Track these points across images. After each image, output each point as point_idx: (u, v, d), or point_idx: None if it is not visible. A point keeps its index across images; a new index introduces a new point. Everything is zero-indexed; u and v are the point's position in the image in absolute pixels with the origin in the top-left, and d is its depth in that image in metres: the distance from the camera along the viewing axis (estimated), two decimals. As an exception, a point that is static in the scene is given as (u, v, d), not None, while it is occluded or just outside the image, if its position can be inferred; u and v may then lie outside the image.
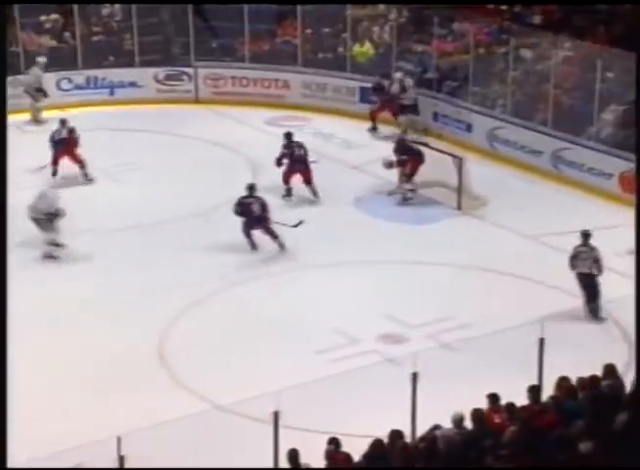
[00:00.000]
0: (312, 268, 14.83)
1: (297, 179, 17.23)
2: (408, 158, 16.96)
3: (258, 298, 13.94)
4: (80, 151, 17.83)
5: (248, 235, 15.25)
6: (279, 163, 17.20)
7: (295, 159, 17.16)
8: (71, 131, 17.92)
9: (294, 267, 14.81)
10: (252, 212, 15.21)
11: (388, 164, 17.03)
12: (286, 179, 17.22)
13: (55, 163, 17.81)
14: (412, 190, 17.03)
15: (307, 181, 17.15)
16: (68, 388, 11.91)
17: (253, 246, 15.23)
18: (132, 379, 11.99)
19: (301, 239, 15.66)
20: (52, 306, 13.65)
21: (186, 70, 22.13)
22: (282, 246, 15.16)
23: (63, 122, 18.09)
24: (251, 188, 15.48)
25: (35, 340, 12.85)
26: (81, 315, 13.46)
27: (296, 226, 15.35)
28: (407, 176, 17.05)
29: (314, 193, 17.14)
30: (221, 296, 13.97)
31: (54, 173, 17.75)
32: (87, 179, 17.81)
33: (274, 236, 15.15)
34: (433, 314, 13.52)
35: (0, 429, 8.29)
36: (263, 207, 15.30)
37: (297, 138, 17.51)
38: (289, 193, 17.24)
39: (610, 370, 9.65)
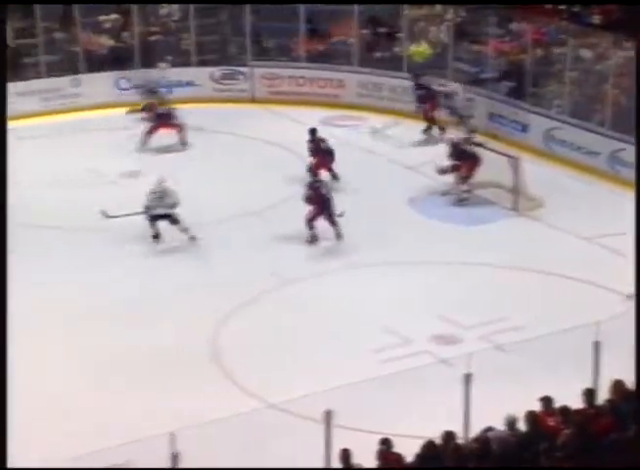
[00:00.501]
0: (365, 267, 14.82)
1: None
2: (461, 163, 16.86)
3: (311, 296, 13.96)
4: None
5: (311, 226, 15.27)
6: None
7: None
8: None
9: (347, 266, 14.81)
10: (322, 196, 15.30)
11: (442, 171, 16.92)
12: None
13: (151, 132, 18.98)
14: (467, 191, 16.94)
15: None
16: (117, 384, 12.01)
17: (314, 238, 15.25)
18: (184, 377, 12.07)
19: (355, 238, 15.67)
20: (102, 304, 13.77)
21: (242, 69, 22.24)
22: (339, 235, 15.20)
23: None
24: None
25: (86, 336, 12.99)
26: (133, 312, 13.56)
27: (339, 216, 15.42)
28: (462, 179, 16.96)
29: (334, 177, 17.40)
30: (274, 294, 14.01)
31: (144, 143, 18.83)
32: (182, 144, 18.84)
33: (334, 223, 15.18)
34: (486, 316, 13.44)
35: (0, 429, 8.33)
36: (328, 190, 15.47)
37: (352, 138, 17.55)
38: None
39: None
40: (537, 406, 9.38)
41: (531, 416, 8.96)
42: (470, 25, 21.55)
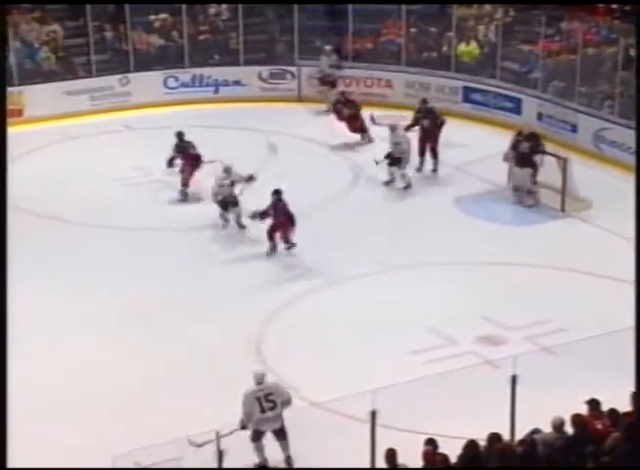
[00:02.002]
0: (410, 268, 14.78)
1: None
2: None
3: (355, 297, 13.94)
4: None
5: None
6: None
7: None
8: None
9: (391, 267, 14.77)
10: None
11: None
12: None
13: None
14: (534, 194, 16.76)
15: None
16: (161, 384, 12.07)
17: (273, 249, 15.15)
18: (228, 377, 12.07)
19: (400, 238, 15.64)
20: (143, 304, 13.81)
21: (289, 68, 22.29)
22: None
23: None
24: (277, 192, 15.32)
25: (126, 337, 13.09)
26: (176, 313, 13.59)
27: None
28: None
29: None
30: (318, 295, 14.01)
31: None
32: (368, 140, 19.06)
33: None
34: (532, 317, 13.35)
35: (0, 429, 8.39)
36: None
37: (399, 137, 17.52)
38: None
39: None
40: (584, 409, 9.31)
41: (578, 419, 8.88)
42: (519, 25, 21.42)
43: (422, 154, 18.08)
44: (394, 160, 17.29)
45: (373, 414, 9.06)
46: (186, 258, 15.19)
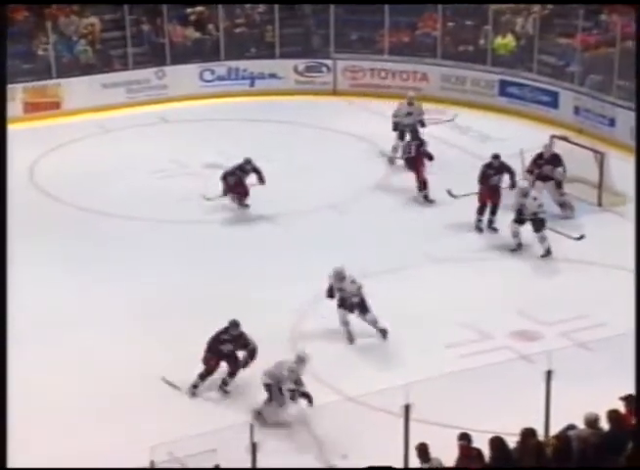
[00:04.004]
0: (443, 262, 14.73)
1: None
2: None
3: (389, 291, 13.90)
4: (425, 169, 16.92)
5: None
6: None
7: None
8: (420, 146, 16.98)
9: (423, 262, 14.72)
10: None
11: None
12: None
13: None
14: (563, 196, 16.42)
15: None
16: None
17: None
18: (255, 370, 12.08)
19: (435, 232, 15.60)
20: (173, 296, 13.86)
21: (325, 61, 22.27)
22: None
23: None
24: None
25: (173, 327, 13.16)
26: (206, 305, 13.55)
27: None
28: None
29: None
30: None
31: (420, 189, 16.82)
32: (427, 200, 16.76)
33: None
34: (567, 312, 13.27)
35: (0, 429, 8.42)
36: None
37: (435, 132, 17.45)
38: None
39: None
40: (620, 405, 9.24)
41: (614, 415, 8.82)
42: (557, 18, 21.26)
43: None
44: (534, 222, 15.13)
45: (407, 408, 9.05)
46: (222, 250, 15.22)
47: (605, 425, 8.88)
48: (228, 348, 11.66)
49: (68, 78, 21.09)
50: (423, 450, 9.03)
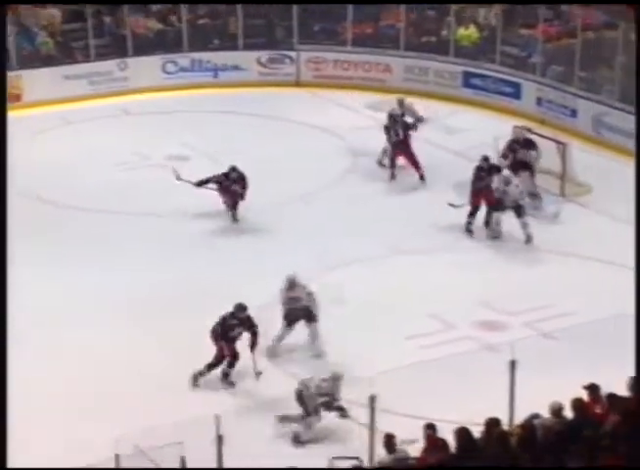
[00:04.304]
0: (410, 253, 14.76)
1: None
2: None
3: (354, 282, 13.91)
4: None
5: None
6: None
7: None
8: (407, 128, 17.15)
9: (389, 253, 14.76)
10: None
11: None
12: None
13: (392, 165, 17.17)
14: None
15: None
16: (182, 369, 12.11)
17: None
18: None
19: (400, 224, 15.63)
20: (143, 291, 13.77)
21: (288, 53, 22.22)
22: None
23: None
24: None
25: (140, 320, 13.08)
26: (175, 298, 13.54)
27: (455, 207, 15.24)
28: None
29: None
30: (318, 280, 13.96)
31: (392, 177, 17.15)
32: (423, 179, 17.04)
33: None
34: (531, 302, 13.36)
35: (0, 429, 8.38)
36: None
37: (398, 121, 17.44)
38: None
39: None
40: (583, 394, 9.31)
41: (578, 403, 8.88)
42: (519, 9, 21.33)
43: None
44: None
45: (372, 399, 9.07)
46: (186, 243, 15.15)
47: (569, 414, 8.95)
48: (238, 331, 11.68)
49: (29, 70, 20.89)
50: (389, 441, 9.06)
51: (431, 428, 9.08)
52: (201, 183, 15.71)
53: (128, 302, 13.42)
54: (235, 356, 11.72)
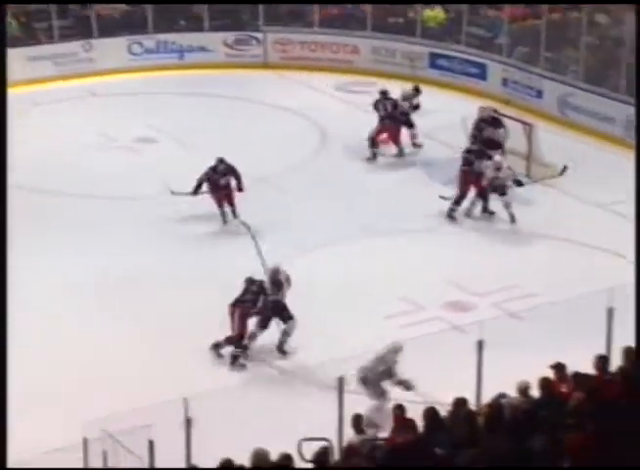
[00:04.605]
0: (379, 235, 14.80)
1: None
2: None
3: (325, 265, 13.94)
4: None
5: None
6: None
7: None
8: (395, 106, 17.25)
9: (359, 234, 14.78)
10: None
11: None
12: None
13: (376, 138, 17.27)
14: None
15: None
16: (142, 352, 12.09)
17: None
18: (197, 346, 12.07)
19: (368, 207, 15.65)
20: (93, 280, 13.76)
21: (255, 34, 22.14)
22: None
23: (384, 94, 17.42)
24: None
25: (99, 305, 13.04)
26: (138, 281, 13.54)
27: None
28: None
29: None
30: (288, 264, 13.98)
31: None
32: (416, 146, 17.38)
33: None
34: (499, 283, 13.44)
35: (0, 429, 8.36)
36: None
37: (365, 103, 17.45)
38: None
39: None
40: (550, 373, 9.40)
41: (545, 382, 8.97)
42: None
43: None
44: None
45: (340, 381, 9.10)
46: (159, 226, 15.07)
47: (536, 393, 9.03)
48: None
49: (-7, 51, 20.67)
50: (357, 422, 9.11)
51: (399, 408, 9.13)
52: (195, 190, 14.86)
53: (99, 286, 13.37)
54: (242, 335, 11.71)
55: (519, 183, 15.26)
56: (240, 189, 14.93)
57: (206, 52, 22.04)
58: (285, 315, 12.03)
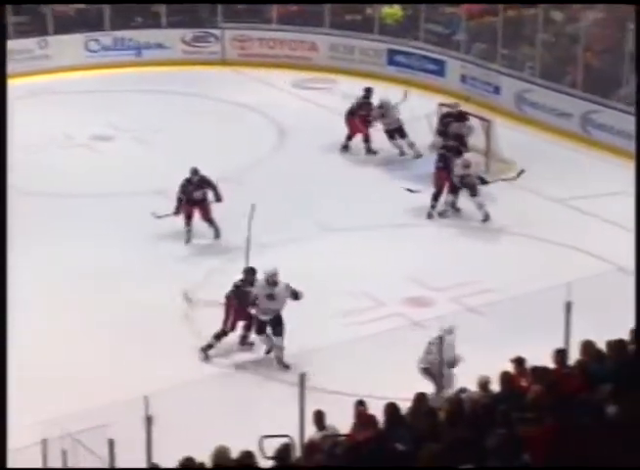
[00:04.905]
0: (337, 231, 14.81)
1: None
2: None
3: (284, 261, 13.87)
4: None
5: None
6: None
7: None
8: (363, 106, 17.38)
9: (319, 231, 14.78)
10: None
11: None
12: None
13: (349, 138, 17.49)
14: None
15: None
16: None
17: None
18: (156, 341, 12.02)
19: (327, 204, 15.65)
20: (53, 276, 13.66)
21: (213, 31, 22.07)
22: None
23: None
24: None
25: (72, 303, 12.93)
26: (107, 280, 13.48)
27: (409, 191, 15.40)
28: None
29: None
30: (248, 262, 13.96)
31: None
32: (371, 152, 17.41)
33: None
34: (459, 278, 13.50)
35: (0, 429, 8.30)
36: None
37: (323, 100, 17.45)
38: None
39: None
40: (510, 368, 9.45)
41: (506, 376, 9.02)
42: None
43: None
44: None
45: (302, 377, 9.09)
46: (118, 223, 14.97)
47: (497, 387, 9.08)
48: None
49: (-54, 49, 20.43)
50: (318, 418, 9.10)
51: (361, 404, 9.14)
52: (177, 209, 14.35)
53: (70, 282, 13.30)
54: (226, 332, 11.74)
55: (483, 181, 15.34)
56: (218, 199, 14.50)
57: (164, 49, 21.93)
58: (278, 330, 11.78)
